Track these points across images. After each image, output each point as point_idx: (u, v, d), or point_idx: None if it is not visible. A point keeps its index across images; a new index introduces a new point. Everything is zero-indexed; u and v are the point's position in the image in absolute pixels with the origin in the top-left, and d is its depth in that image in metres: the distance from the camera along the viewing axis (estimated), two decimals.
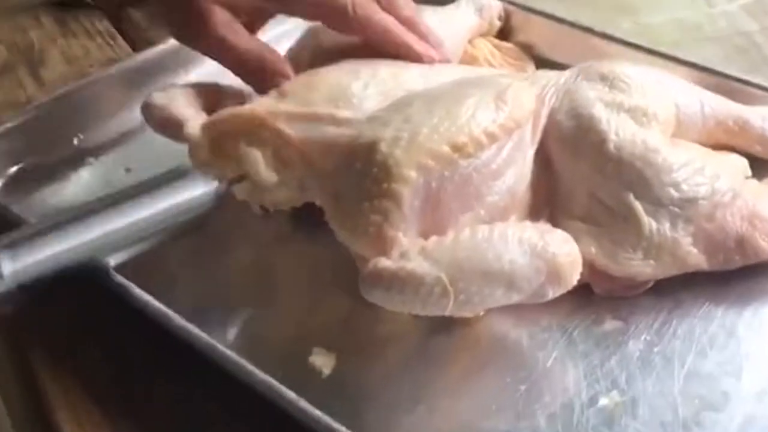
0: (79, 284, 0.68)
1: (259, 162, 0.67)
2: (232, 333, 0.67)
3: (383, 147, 0.64)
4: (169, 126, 0.72)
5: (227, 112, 0.69)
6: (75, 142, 0.86)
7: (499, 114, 0.67)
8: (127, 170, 0.83)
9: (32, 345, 0.69)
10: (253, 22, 0.78)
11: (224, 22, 0.74)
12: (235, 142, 0.68)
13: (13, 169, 0.84)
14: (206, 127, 0.69)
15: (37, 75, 0.98)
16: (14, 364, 0.71)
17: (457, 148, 0.65)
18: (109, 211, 0.66)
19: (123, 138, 0.87)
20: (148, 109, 0.75)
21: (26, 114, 0.86)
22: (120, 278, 0.67)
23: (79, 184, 0.83)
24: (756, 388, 0.61)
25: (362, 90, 0.71)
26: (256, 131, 0.68)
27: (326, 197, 0.67)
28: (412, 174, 0.64)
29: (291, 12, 0.80)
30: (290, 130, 0.67)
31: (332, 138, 0.67)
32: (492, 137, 0.66)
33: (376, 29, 0.76)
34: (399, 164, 0.64)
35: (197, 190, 0.69)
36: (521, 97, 0.70)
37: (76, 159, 0.85)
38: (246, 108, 0.69)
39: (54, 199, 0.81)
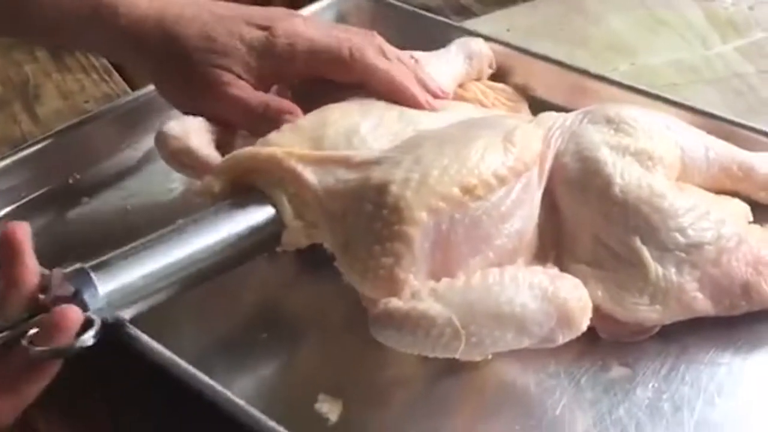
0: None
1: (286, 208, 0.67)
2: (237, 379, 0.66)
3: (394, 188, 0.64)
4: (184, 158, 0.73)
5: (246, 152, 0.69)
6: (71, 181, 0.85)
7: (507, 156, 0.67)
8: (125, 210, 0.82)
9: None
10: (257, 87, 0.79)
11: (234, 84, 0.76)
12: (252, 181, 0.68)
13: (9, 208, 0.82)
14: (226, 168, 0.69)
15: (32, 110, 0.98)
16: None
17: (467, 191, 0.65)
18: (180, 239, 0.64)
19: (119, 177, 0.86)
20: (163, 139, 0.74)
21: (22, 152, 0.84)
22: (122, 320, 0.66)
23: (77, 225, 0.82)
24: None
25: (373, 130, 0.71)
26: (274, 172, 0.67)
27: (335, 240, 0.66)
28: (423, 216, 0.63)
29: (290, 70, 0.79)
30: (306, 172, 0.67)
31: (344, 181, 0.67)
32: (501, 180, 0.66)
33: (377, 74, 0.77)
34: (410, 206, 0.63)
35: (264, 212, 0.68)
36: (529, 139, 0.70)
37: (72, 197, 0.84)
38: (264, 150, 0.68)
39: (51, 238, 0.80)
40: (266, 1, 1.12)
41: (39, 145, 0.85)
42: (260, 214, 0.67)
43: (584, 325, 0.64)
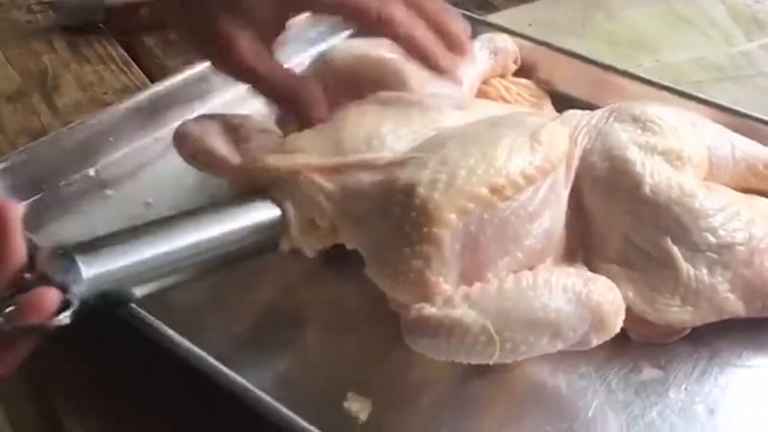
0: (104, 321, 0.66)
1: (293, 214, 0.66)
2: (264, 376, 0.65)
3: (421, 190, 0.63)
4: (203, 157, 0.72)
5: (265, 162, 0.68)
6: (92, 173, 0.85)
7: (535, 155, 0.67)
8: (147, 204, 0.81)
9: (46, 370, 0.68)
10: (269, 34, 0.76)
11: (249, 48, 0.73)
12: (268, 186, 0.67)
13: (30, 199, 0.82)
14: (245, 175, 0.68)
15: (50, 101, 0.97)
16: (36, 402, 0.69)
17: (495, 191, 0.64)
18: (176, 229, 0.63)
19: (141, 170, 0.86)
20: (181, 139, 0.74)
21: (43, 144, 0.84)
22: (149, 317, 0.65)
23: (98, 216, 0.81)
24: None
25: (394, 130, 0.70)
26: (293, 180, 0.67)
27: (362, 244, 0.66)
28: (452, 217, 0.63)
29: (316, 10, 0.79)
30: (326, 182, 0.66)
31: (367, 185, 0.66)
32: (529, 179, 0.66)
33: (401, 34, 0.74)
34: (439, 208, 0.63)
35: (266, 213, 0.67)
36: (555, 138, 0.69)
37: (94, 190, 0.83)
38: (284, 161, 0.68)
39: (72, 232, 0.79)
40: None
41: (60, 137, 0.84)
42: (261, 215, 0.66)
43: (618, 327, 0.64)
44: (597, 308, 0.62)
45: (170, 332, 0.64)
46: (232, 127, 0.75)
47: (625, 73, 0.88)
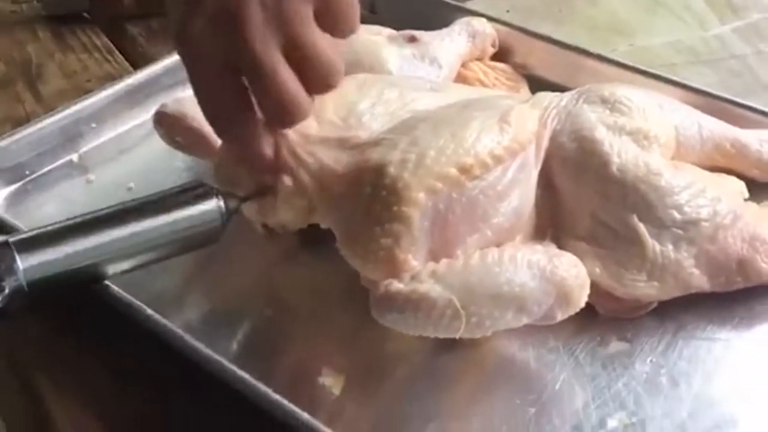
0: (82, 298, 0.68)
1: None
2: (240, 353, 0.67)
3: (391, 170, 0.65)
4: (182, 137, 0.74)
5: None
6: (75, 159, 0.86)
7: (503, 136, 0.68)
8: (129, 189, 0.83)
9: (33, 360, 0.69)
10: None
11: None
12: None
13: (14, 185, 0.83)
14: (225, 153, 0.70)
15: (35, 90, 0.98)
16: (16, 378, 0.71)
17: (464, 170, 0.66)
18: (115, 222, 0.64)
19: (123, 156, 0.87)
20: (161, 119, 0.75)
21: (27, 130, 0.85)
22: (127, 296, 0.67)
23: (80, 202, 0.82)
24: (763, 411, 0.62)
25: (370, 109, 0.72)
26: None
27: (335, 222, 0.67)
28: (421, 196, 0.64)
29: None
30: (307, 156, 0.68)
31: (342, 164, 0.68)
32: (497, 159, 0.67)
33: None
34: (408, 187, 0.64)
35: (205, 207, 0.68)
36: (524, 119, 0.70)
37: (77, 176, 0.85)
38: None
39: (54, 217, 0.80)
40: None
41: (43, 124, 0.85)
42: (200, 209, 0.66)
43: (582, 302, 0.65)
44: (561, 283, 0.64)
45: (148, 311, 0.66)
46: None
47: (600, 57, 0.89)
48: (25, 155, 0.84)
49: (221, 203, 0.66)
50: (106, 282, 0.66)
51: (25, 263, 0.60)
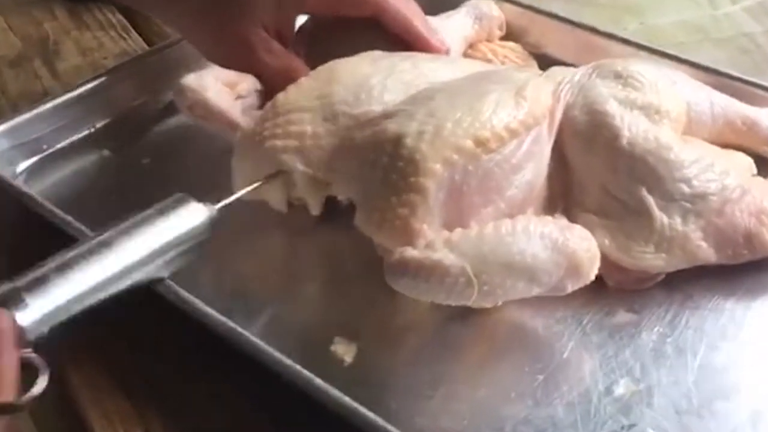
0: None
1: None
2: (255, 322, 0.68)
3: (409, 141, 0.66)
4: (201, 110, 0.77)
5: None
6: (91, 134, 0.87)
7: (519, 110, 0.69)
8: (143, 163, 0.84)
9: None
10: (283, 31, 0.81)
11: (264, 47, 0.78)
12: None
13: (33, 159, 0.85)
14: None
15: (52, 67, 1.00)
16: None
17: (480, 143, 0.67)
18: (121, 244, 0.63)
19: (138, 131, 0.88)
20: (180, 92, 0.77)
21: (44, 105, 0.87)
22: None
23: (95, 176, 0.84)
24: (766, 379, 0.63)
25: (383, 81, 0.73)
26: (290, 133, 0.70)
27: (353, 192, 0.69)
28: (438, 167, 0.65)
29: (312, 8, 0.82)
30: (322, 130, 0.70)
31: (358, 140, 0.69)
32: (513, 133, 0.68)
33: (390, 9, 0.80)
34: (425, 158, 0.65)
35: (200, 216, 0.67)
36: (539, 93, 0.72)
37: (93, 151, 0.86)
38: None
39: (72, 190, 0.82)
40: None
41: (61, 99, 0.87)
42: (190, 218, 0.66)
43: (592, 274, 0.66)
44: (572, 255, 0.65)
45: (167, 282, 0.67)
46: (231, 83, 0.78)
47: (610, 36, 0.90)
48: (43, 130, 0.85)
49: (206, 209, 0.67)
50: None
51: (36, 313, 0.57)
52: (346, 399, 0.59)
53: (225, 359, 0.65)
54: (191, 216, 0.66)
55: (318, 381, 0.60)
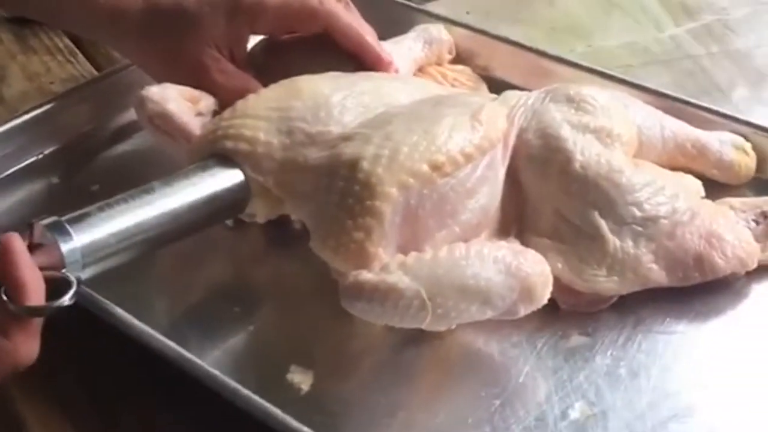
0: None
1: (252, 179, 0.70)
2: (210, 351, 0.68)
3: (365, 165, 0.66)
4: (160, 121, 0.76)
5: (217, 133, 0.72)
6: (39, 161, 0.86)
7: (474, 134, 0.70)
8: (92, 191, 0.83)
9: None
10: (235, 50, 0.81)
11: (217, 68, 0.79)
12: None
13: None
14: (201, 142, 0.72)
15: None
16: None
17: (435, 167, 0.67)
18: (163, 193, 0.67)
19: (88, 157, 0.87)
20: (141, 102, 0.76)
21: None
22: (105, 301, 0.67)
23: (44, 203, 0.83)
24: (719, 400, 0.64)
25: (342, 101, 0.73)
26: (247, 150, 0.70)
27: (307, 214, 0.68)
28: (394, 191, 0.66)
29: (263, 26, 0.82)
30: (276, 152, 0.70)
31: (313, 159, 0.69)
32: (468, 157, 0.69)
33: (343, 25, 0.80)
34: (381, 182, 0.66)
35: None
36: (495, 118, 0.72)
37: (41, 178, 0.85)
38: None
39: (18, 218, 0.81)
40: None
41: (8, 125, 0.86)
42: (228, 179, 0.69)
43: (545, 298, 0.67)
44: (525, 279, 0.65)
45: (118, 310, 0.67)
46: (192, 98, 0.78)
47: (558, 59, 0.91)
48: None
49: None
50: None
51: (81, 242, 0.62)
52: (305, 429, 0.59)
53: (181, 389, 0.65)
54: (227, 176, 0.69)
55: (275, 411, 0.60)
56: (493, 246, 0.67)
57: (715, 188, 0.78)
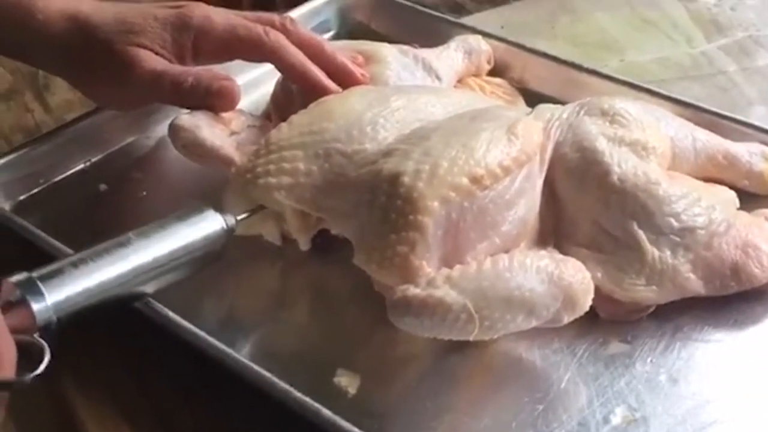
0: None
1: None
2: (259, 355, 0.69)
3: (406, 180, 0.68)
4: (195, 149, 0.78)
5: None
6: (86, 168, 0.88)
7: (511, 147, 0.71)
8: (141, 197, 0.85)
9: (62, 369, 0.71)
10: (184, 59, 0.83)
11: (151, 60, 0.80)
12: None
13: (28, 193, 0.85)
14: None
15: (42, 99, 1.00)
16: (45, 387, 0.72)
17: (475, 180, 0.69)
18: (139, 245, 0.67)
19: (133, 165, 0.89)
20: (175, 131, 0.78)
21: (39, 141, 0.88)
22: (158, 305, 0.69)
23: (92, 211, 0.85)
24: (759, 408, 0.66)
25: (374, 118, 0.75)
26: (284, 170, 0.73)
27: (350, 230, 0.71)
28: (435, 205, 0.67)
29: (209, 45, 0.83)
30: (315, 167, 0.72)
31: (352, 177, 0.71)
32: (506, 170, 0.70)
33: (286, 57, 0.81)
34: (423, 196, 0.67)
35: (216, 225, 0.71)
36: (531, 131, 0.74)
37: (89, 185, 0.87)
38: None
39: (68, 224, 0.83)
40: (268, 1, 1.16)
41: (56, 134, 0.88)
42: (205, 228, 0.70)
43: (587, 305, 0.68)
44: (568, 288, 0.67)
45: (171, 314, 0.69)
46: (224, 120, 0.79)
47: (593, 72, 0.93)
48: (39, 164, 0.86)
49: (223, 219, 0.70)
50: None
51: (53, 300, 0.61)
52: (356, 431, 0.61)
53: (231, 391, 0.66)
54: (207, 224, 0.70)
55: (326, 412, 0.62)
56: (535, 256, 0.68)
57: (749, 199, 0.80)
